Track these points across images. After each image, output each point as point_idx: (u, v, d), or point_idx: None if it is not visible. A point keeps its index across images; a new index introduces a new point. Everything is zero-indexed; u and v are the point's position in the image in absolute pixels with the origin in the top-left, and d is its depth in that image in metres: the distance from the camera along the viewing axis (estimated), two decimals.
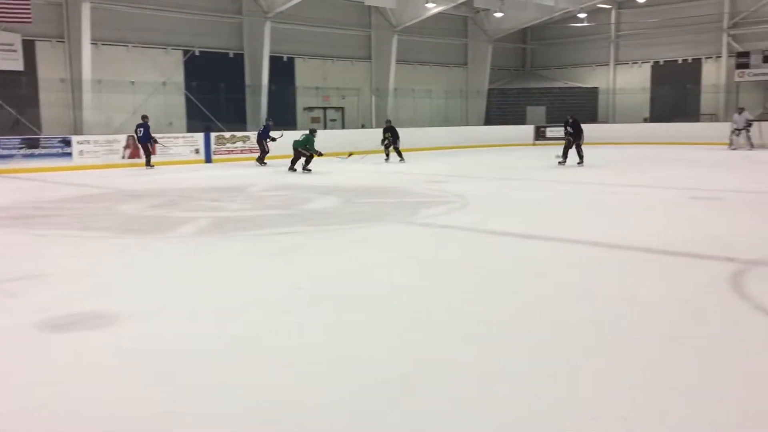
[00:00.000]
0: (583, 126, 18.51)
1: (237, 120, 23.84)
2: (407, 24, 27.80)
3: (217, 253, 7.00)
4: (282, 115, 25.14)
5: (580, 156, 17.90)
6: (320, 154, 17.19)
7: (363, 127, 27.85)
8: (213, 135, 21.34)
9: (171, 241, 7.84)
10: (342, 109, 28.04)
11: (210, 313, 4.83)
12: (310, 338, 4.23)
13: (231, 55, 24.50)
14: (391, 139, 20.68)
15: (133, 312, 4.81)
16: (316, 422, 3.08)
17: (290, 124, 25.59)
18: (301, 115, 26.74)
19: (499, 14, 29.35)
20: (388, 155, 20.83)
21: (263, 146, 19.78)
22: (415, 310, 4.82)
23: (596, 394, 3.32)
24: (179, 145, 20.69)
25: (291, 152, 17.32)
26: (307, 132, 17.63)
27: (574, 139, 18.01)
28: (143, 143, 18.58)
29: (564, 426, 2.98)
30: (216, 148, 21.26)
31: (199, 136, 21.14)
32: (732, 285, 5.24)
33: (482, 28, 31.49)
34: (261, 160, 19.75)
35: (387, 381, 3.50)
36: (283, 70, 25.76)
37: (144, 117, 18.75)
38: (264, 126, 20.36)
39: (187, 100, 23.34)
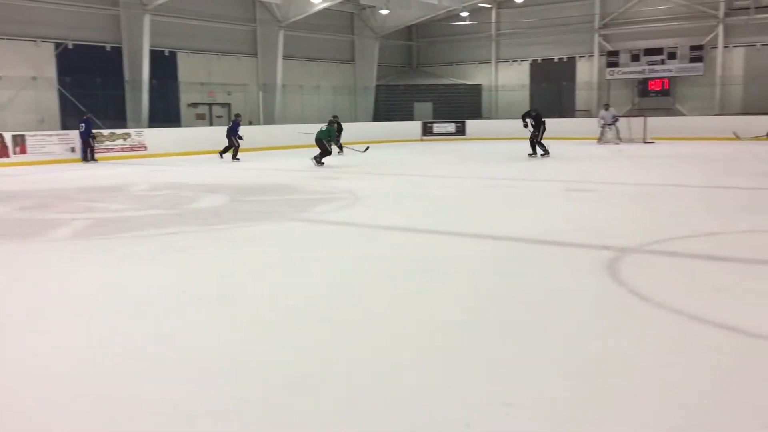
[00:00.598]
0: (469, 122, 19.02)
1: (117, 117, 22.76)
2: (293, 19, 27.54)
3: (97, 257, 6.65)
4: (165, 112, 24.27)
5: (543, 148, 18.41)
6: (339, 146, 17.78)
7: (251, 123, 27.34)
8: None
9: (45, 245, 7.37)
10: (228, 105, 27.39)
11: (88, 319, 4.58)
12: (198, 342, 4.09)
13: (108, 49, 23.35)
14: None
15: (4, 323, 4.48)
16: (203, 427, 2.98)
17: (174, 121, 24.75)
18: (185, 112, 25.90)
19: (384, 11, 29.66)
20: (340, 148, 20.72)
21: (232, 141, 19.56)
22: (305, 310, 4.77)
23: (481, 382, 3.40)
24: (53, 143, 19.53)
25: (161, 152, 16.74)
26: (327, 123, 17.91)
27: (534, 132, 18.41)
28: (84, 139, 19.42)
29: (451, 415, 3.03)
30: (94, 146, 20.21)
31: (75, 134, 20.02)
32: (608, 272, 5.54)
33: (368, 24, 31.71)
34: (232, 155, 19.57)
35: (278, 382, 3.44)
36: (164, 65, 24.82)
37: (85, 114, 19.79)
38: (233, 121, 20.14)
39: (61, 95, 22.05)
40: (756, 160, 16.15)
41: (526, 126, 18.59)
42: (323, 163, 17.03)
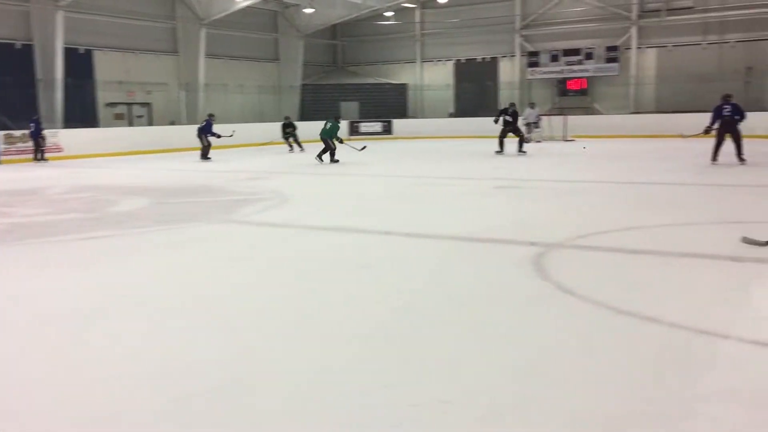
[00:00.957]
0: (395, 121, 19.01)
1: (29, 117, 21.71)
2: (215, 17, 27.01)
3: (8, 264, 6.31)
4: (81, 112, 23.37)
5: (522, 144, 18.23)
6: (341, 141, 17.42)
7: (173, 123, 26.66)
8: (1, 134, 19.31)
9: None
10: (149, 104, 26.62)
11: (7, 330, 4.33)
12: (122, 350, 3.92)
13: (18, 46, 22.30)
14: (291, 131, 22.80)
15: None
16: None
17: (91, 122, 23.86)
18: (103, 111, 25.00)
19: (308, 10, 29.47)
20: (291, 146, 22.72)
21: (203, 141, 18.95)
22: (237, 313, 4.66)
23: (414, 381, 3.39)
24: None
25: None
26: (333, 120, 17.63)
27: (512, 128, 18.12)
28: (35, 138, 19.29)
29: (384, 415, 3.01)
30: (5, 148, 19.27)
31: None
32: (535, 267, 5.64)
33: (292, 23, 31.44)
34: (204, 156, 18.98)
35: (214, 388, 3.33)
36: (80, 64, 23.90)
37: (35, 115, 19.95)
38: (206, 121, 19.44)
39: None
40: (672, 157, 16.86)
41: (497, 122, 18.31)
42: (337, 161, 16.99)
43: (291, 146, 22.67)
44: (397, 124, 30.32)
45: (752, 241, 6.10)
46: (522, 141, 18.39)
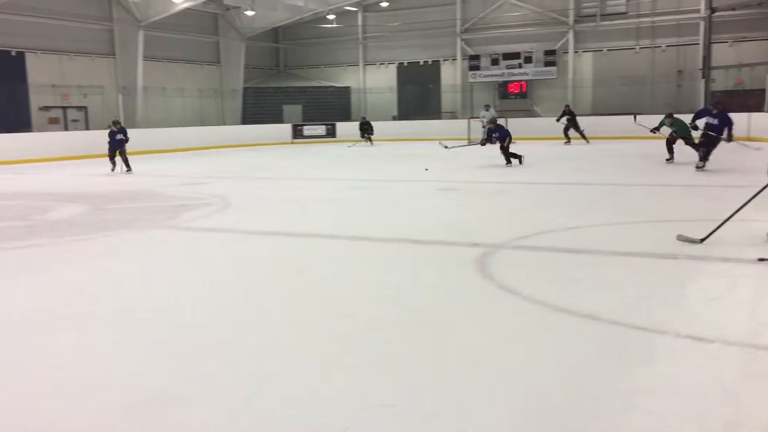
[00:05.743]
0: (339, 124, 18.80)
1: None
2: (154, 19, 26.48)
3: None
4: (14, 116, 22.56)
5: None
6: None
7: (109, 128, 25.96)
8: None
9: None
10: (85, 108, 25.89)
11: None
12: (49, 362, 3.79)
13: None
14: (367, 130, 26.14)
15: None
16: None
17: (24, 126, 23.06)
18: (36, 116, 24.20)
19: (250, 12, 29.16)
20: (371, 140, 25.99)
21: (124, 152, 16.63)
22: (173, 322, 4.55)
23: (358, 384, 3.38)
24: None
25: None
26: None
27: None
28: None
29: (330, 420, 2.99)
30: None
31: None
32: (478, 268, 5.70)
33: (234, 26, 31.07)
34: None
35: (143, 400, 3.24)
36: (12, 66, 23.12)
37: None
38: (120, 128, 16.99)
39: None
40: (609, 157, 17.31)
41: (559, 121, 17.20)
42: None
43: (371, 141, 26.09)
44: (341, 127, 30.27)
45: (687, 238, 6.31)
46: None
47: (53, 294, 5.34)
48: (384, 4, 31.58)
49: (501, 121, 24.66)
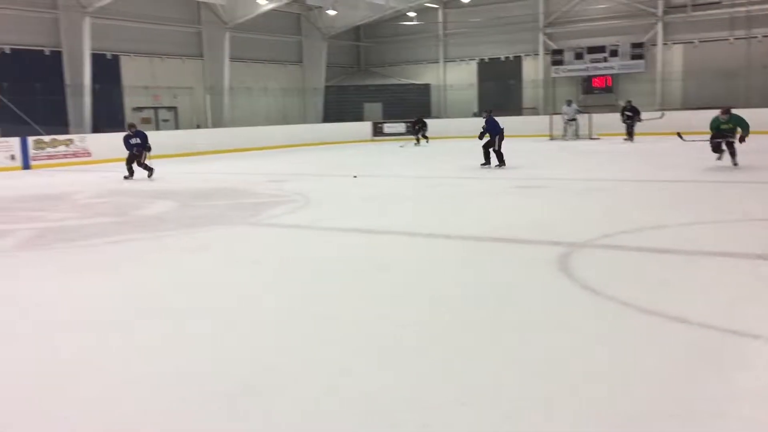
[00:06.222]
0: (428, 121, 18.08)
1: (58, 122, 22.09)
2: (239, 21, 27.22)
3: (39, 268, 6.42)
4: (109, 117, 23.68)
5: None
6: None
7: (198, 127, 26.92)
8: (31, 139, 19.64)
9: None
10: (175, 108, 26.91)
11: (31, 333, 4.40)
12: (145, 354, 3.97)
13: (47, 53, 22.68)
14: (421, 128, 25.81)
15: None
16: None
17: (119, 126, 24.15)
18: (130, 116, 25.31)
19: (331, 12, 29.57)
20: (418, 140, 25.57)
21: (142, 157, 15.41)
22: (258, 316, 4.69)
23: (438, 382, 3.38)
24: None
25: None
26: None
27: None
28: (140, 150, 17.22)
29: (409, 417, 3.00)
30: (35, 154, 19.58)
31: (15, 141, 19.37)
32: (560, 267, 5.59)
33: (316, 25, 31.56)
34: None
35: (231, 391, 3.35)
36: (107, 69, 24.24)
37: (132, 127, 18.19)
38: (136, 131, 15.49)
39: None
40: (695, 156, 16.62)
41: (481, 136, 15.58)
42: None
43: (420, 140, 25.61)
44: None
45: None
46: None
47: (142, 287, 5.59)
48: (465, 0, 31.36)
49: (581, 117, 23.79)
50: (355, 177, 13.85)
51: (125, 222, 9.06)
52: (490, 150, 15.30)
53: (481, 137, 15.80)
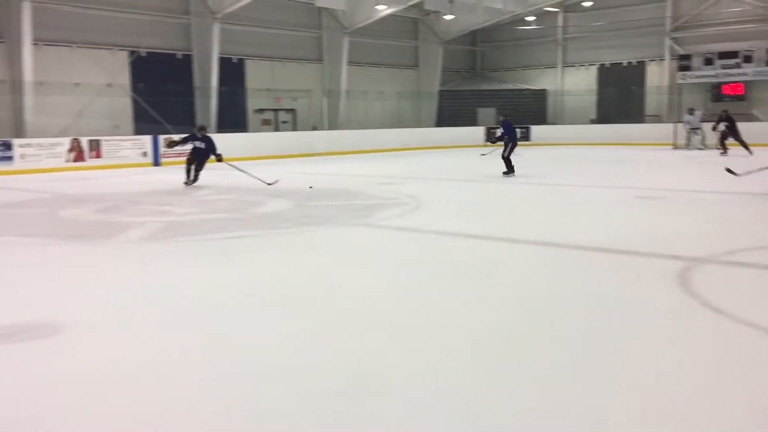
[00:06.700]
0: (534, 127, 18.13)
1: (186, 122, 23.41)
2: (358, 26, 27.79)
3: (165, 259, 6.83)
4: (232, 118, 24.83)
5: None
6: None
7: (315, 129, 27.70)
8: (161, 137, 20.91)
9: (117, 246, 7.62)
10: (293, 111, 27.85)
11: (157, 321, 4.70)
12: (260, 345, 4.14)
13: (179, 56, 24.10)
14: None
15: (77, 322, 4.64)
16: (257, 426, 3.00)
17: (241, 127, 25.29)
18: (252, 118, 26.46)
19: (449, 17, 29.62)
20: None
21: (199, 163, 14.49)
22: (366, 315, 4.77)
23: (537, 392, 3.32)
24: (126, 148, 20.26)
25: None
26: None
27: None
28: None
29: (506, 426, 2.97)
30: (165, 151, 20.82)
31: (147, 139, 20.71)
32: (679, 282, 5.34)
33: (433, 30, 31.70)
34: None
35: (338, 387, 3.44)
36: (233, 72, 25.44)
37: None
38: (204, 135, 14.65)
39: (134, 101, 22.86)
40: None
41: (714, 129, 15.37)
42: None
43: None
44: (536, 130, 29.73)
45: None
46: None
47: (257, 281, 5.82)
48: (587, 4, 30.52)
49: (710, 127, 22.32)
50: (311, 188, 12.79)
51: (243, 219, 9.47)
52: (509, 157, 15.19)
53: (495, 142, 15.54)
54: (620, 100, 30.78)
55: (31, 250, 7.47)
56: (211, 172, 17.91)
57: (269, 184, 12.94)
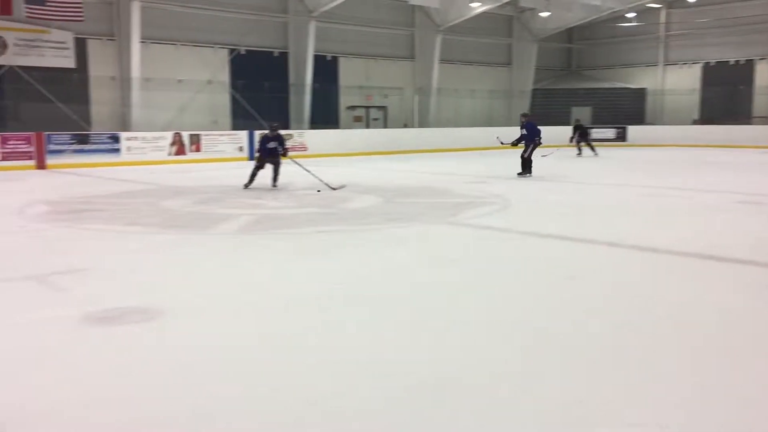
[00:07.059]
0: (631, 128, 17.55)
1: (280, 119, 24.02)
2: (451, 23, 27.69)
3: (258, 251, 7.08)
4: (325, 114, 25.32)
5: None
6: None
7: (405, 126, 27.84)
8: (257, 133, 21.57)
9: (213, 237, 7.96)
10: (384, 108, 28.08)
11: (251, 310, 4.88)
12: (346, 339, 4.24)
13: (276, 54, 24.76)
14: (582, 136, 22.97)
15: (176, 308, 4.89)
16: (349, 424, 3.08)
17: (333, 123, 25.74)
18: (344, 115, 26.88)
19: (545, 14, 29.07)
20: (580, 150, 22.74)
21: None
22: (450, 313, 4.80)
23: (631, 400, 3.25)
24: (224, 142, 21.04)
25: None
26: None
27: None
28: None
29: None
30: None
31: (243, 134, 21.43)
32: None
33: (527, 27, 31.19)
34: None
35: (421, 384, 3.48)
36: (326, 69, 25.92)
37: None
38: (278, 135, 13.62)
39: (232, 98, 23.67)
40: None
41: (515, 143, 15.21)
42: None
43: (581, 149, 22.87)
44: (632, 130, 28.76)
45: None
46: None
47: (346, 276, 5.95)
48: (692, 0, 29.23)
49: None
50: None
51: (333, 214, 9.66)
52: (530, 158, 14.94)
53: (516, 144, 14.99)
54: (726, 100, 29.35)
55: (135, 238, 7.90)
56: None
57: (334, 189, 12.26)
